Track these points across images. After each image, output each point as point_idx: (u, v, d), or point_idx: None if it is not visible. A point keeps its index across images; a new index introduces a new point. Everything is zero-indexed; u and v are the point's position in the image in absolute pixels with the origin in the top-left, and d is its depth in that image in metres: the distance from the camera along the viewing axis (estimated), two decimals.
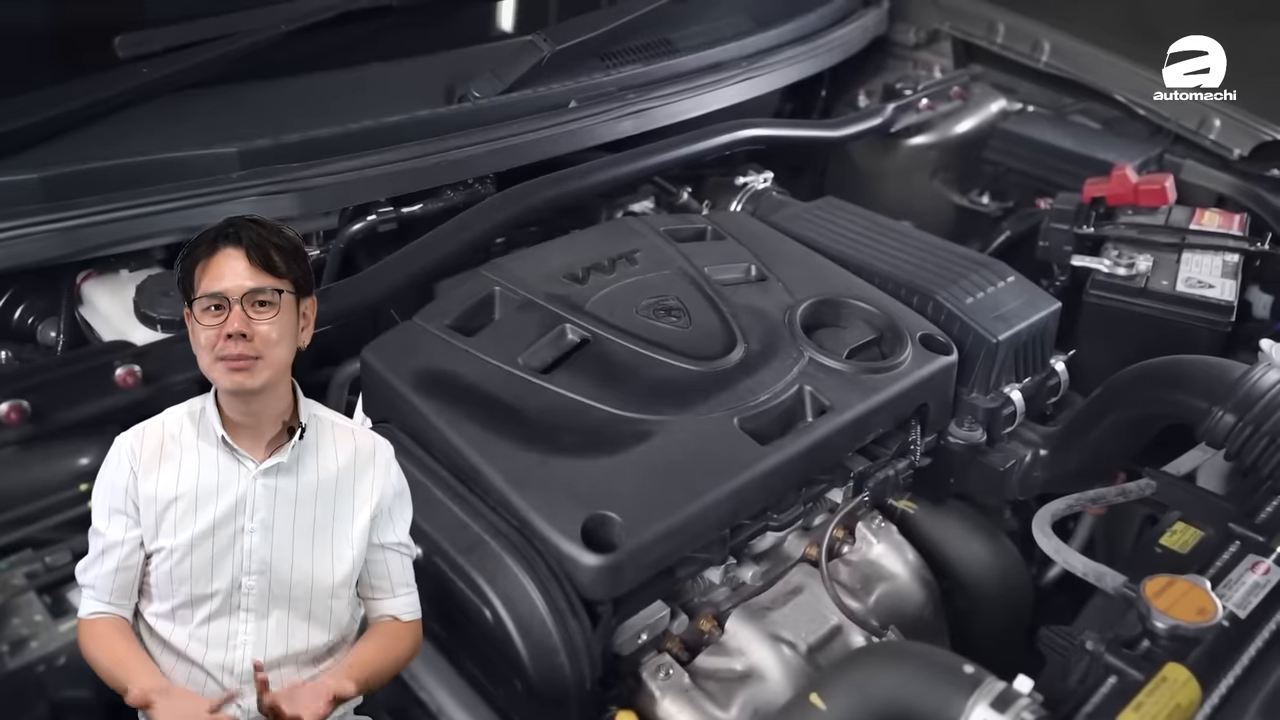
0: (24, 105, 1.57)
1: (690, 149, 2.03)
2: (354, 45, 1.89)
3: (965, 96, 2.60)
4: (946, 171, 2.63)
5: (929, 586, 1.80)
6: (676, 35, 2.20)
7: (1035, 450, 1.87)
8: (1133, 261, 2.03)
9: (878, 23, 2.73)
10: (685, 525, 1.41)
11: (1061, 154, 2.43)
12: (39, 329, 1.69)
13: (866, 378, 1.66)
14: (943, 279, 1.89)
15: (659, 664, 1.52)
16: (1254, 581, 1.39)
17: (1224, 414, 1.58)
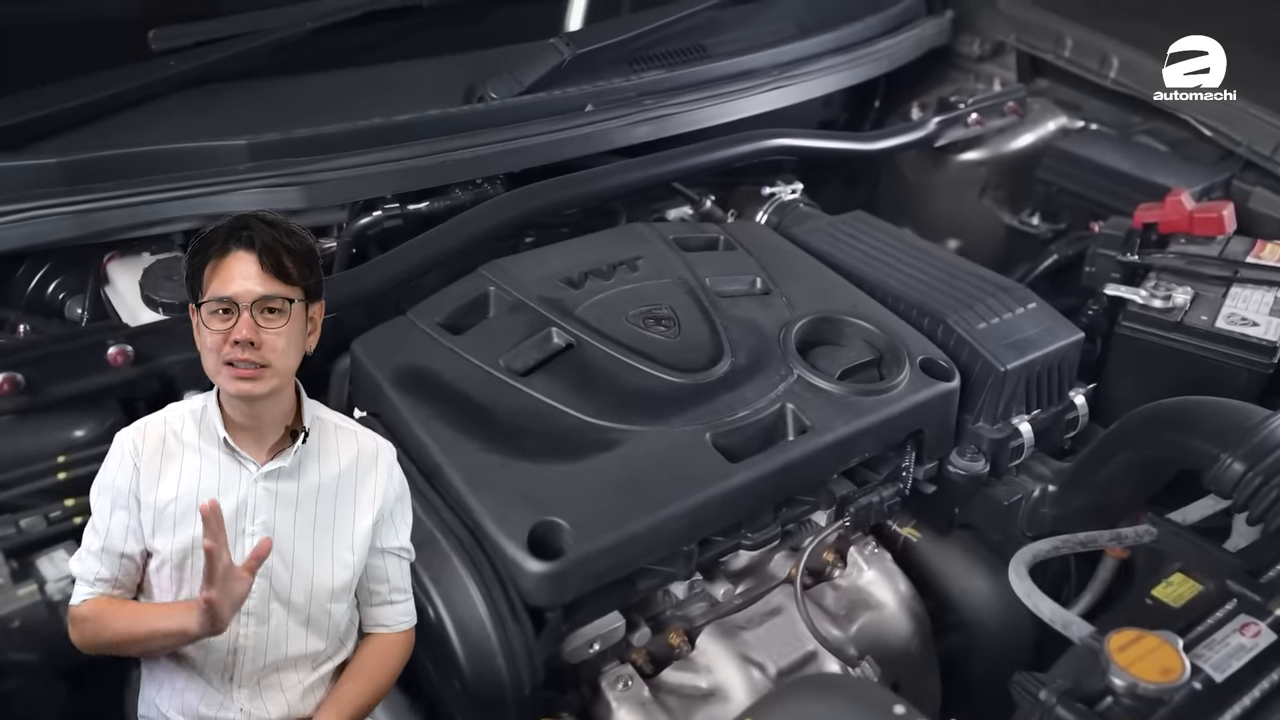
0: (54, 95, 1.65)
1: (710, 157, 2.00)
2: (381, 44, 1.93)
3: (1020, 112, 2.49)
4: (997, 190, 2.53)
5: (918, 619, 1.74)
6: (711, 41, 2.17)
7: (1044, 486, 1.79)
8: (1169, 293, 1.91)
9: (937, 33, 2.63)
10: (638, 538, 1.39)
11: (1117, 176, 2.31)
12: (67, 305, 1.78)
13: (855, 399, 1.61)
14: (957, 302, 1.82)
15: (619, 674, 1.52)
16: (1239, 644, 1.29)
17: (1233, 462, 1.47)
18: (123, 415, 1.55)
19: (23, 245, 1.57)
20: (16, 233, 1.55)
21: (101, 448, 1.43)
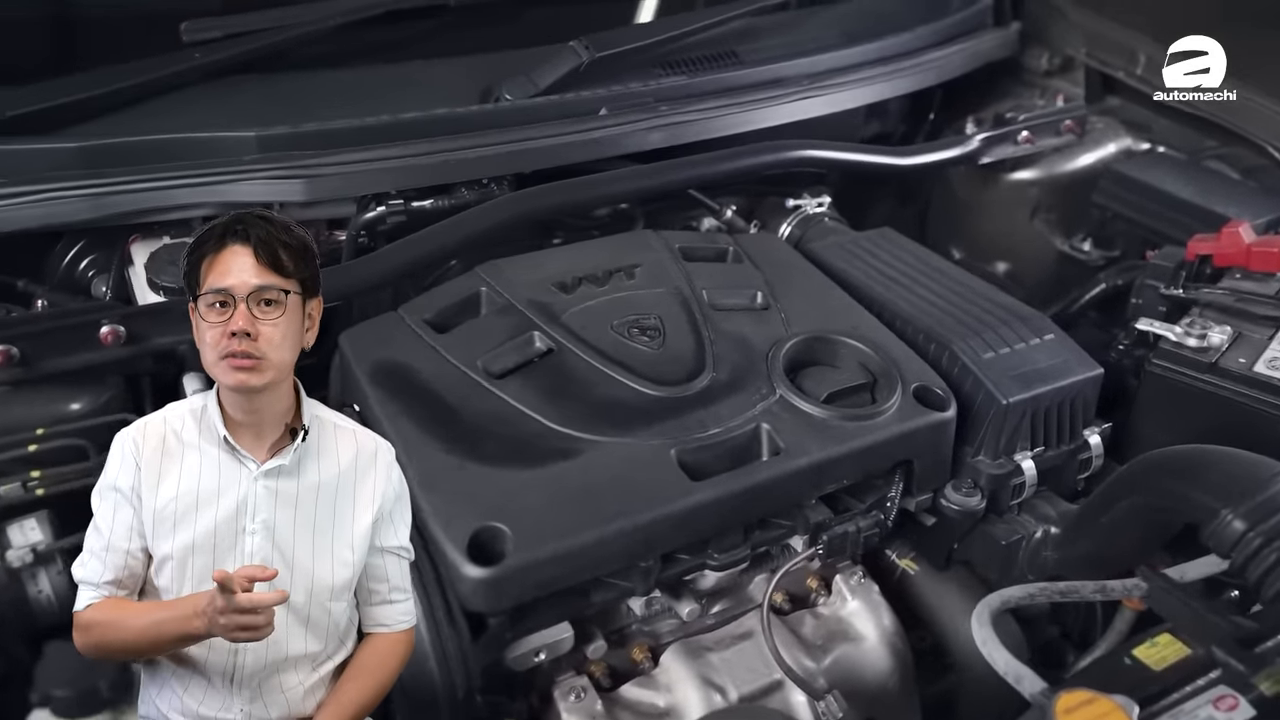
0: (83, 82, 1.73)
1: (725, 166, 1.96)
2: (405, 43, 1.96)
3: (1078, 131, 2.36)
4: (1049, 212, 2.41)
5: (899, 656, 1.67)
6: (745, 48, 2.12)
7: (1047, 528, 1.70)
8: (1205, 332, 1.78)
9: (1000, 45, 2.52)
10: (584, 550, 1.37)
11: (1175, 203, 2.16)
12: (94, 283, 1.86)
13: (836, 424, 1.56)
14: (966, 328, 1.74)
15: (573, 685, 1.50)
16: (1207, 716, 1.20)
17: (1233, 519, 1.36)
18: (121, 392, 1.62)
19: (39, 224, 1.64)
20: (35, 212, 1.63)
21: (86, 423, 1.52)
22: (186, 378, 1.64)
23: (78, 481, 1.44)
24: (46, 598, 1.38)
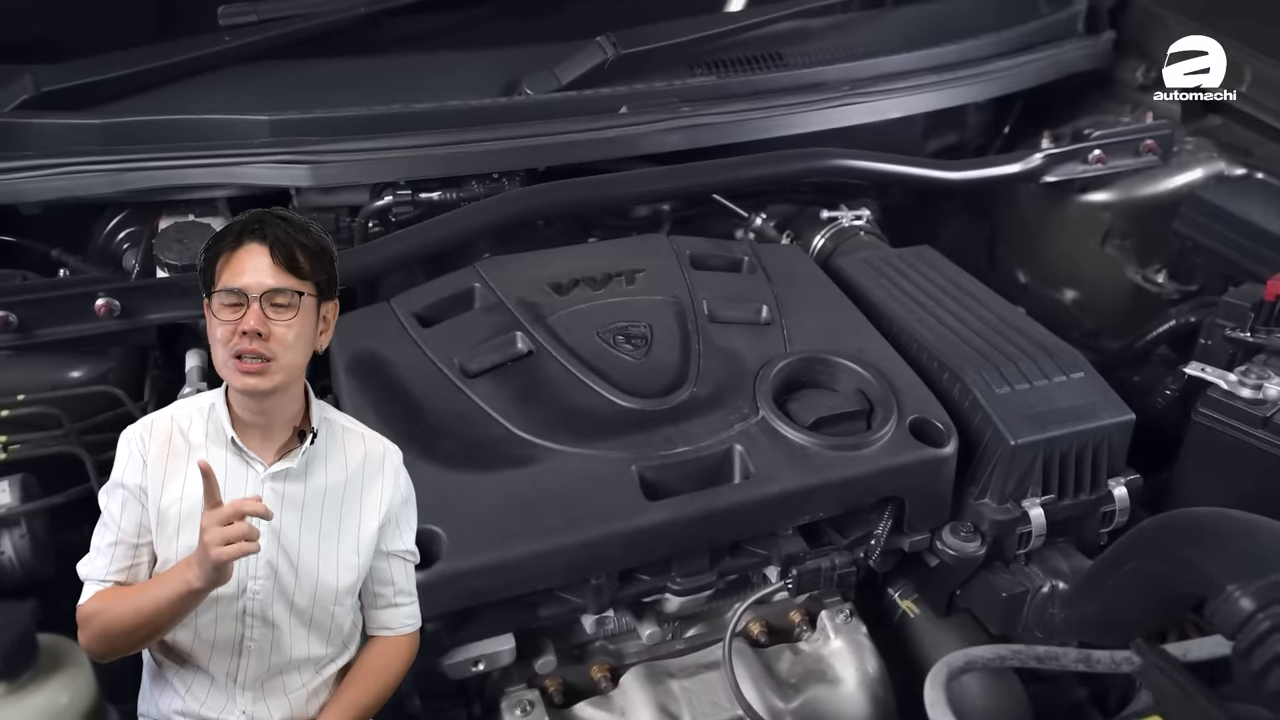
0: (115, 61, 1.78)
1: (747, 173, 1.88)
2: (437, 33, 1.95)
3: (1158, 151, 2.16)
4: (1123, 239, 2.22)
5: (879, 705, 1.56)
6: (790, 50, 2.02)
7: (1055, 584, 1.55)
8: (1262, 383, 1.60)
9: (1087, 55, 2.33)
10: (521, 562, 1.33)
11: (1262, 235, 1.96)
12: (125, 256, 1.92)
13: (817, 452, 1.46)
14: (985, 359, 1.61)
15: (520, 698, 1.46)
16: None
17: (1241, 596, 1.20)
18: (121, 365, 1.66)
19: (57, 197, 1.69)
20: (56, 184, 1.69)
21: (68, 391, 1.56)
22: (189, 354, 1.68)
23: (52, 447, 1.48)
24: (8, 559, 1.41)
